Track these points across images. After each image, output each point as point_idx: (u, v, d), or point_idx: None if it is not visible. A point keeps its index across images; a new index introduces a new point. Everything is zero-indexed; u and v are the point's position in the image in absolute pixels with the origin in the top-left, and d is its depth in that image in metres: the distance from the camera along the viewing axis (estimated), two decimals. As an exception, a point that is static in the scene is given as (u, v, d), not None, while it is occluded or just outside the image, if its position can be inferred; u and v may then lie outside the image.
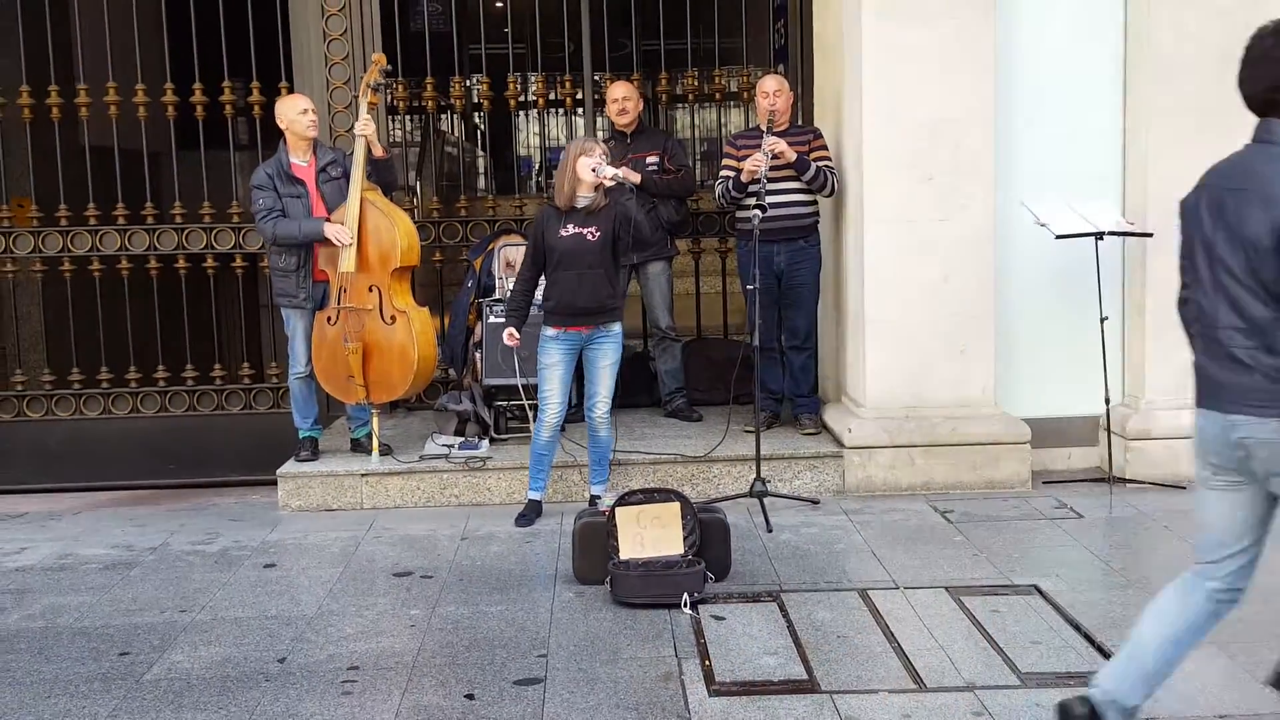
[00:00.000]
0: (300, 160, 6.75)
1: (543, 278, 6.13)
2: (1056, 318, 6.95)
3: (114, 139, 7.69)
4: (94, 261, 7.74)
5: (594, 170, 5.90)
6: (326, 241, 6.60)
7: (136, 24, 7.61)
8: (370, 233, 6.64)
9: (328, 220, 6.62)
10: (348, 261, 6.60)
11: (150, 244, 7.75)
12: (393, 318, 6.65)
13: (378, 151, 6.71)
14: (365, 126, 6.61)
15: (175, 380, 7.87)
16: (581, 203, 5.98)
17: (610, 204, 5.96)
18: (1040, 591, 5.12)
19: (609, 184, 5.92)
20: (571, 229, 5.96)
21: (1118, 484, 6.68)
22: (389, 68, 7.07)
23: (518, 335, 6.15)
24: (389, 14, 7.81)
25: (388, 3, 7.81)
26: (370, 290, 6.66)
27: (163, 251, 7.75)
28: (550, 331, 6.07)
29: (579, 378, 6.45)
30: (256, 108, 7.74)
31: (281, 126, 6.76)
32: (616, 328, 6.09)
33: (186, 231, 7.75)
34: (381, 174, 6.78)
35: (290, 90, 7.51)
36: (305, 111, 6.72)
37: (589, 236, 5.94)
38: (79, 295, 7.76)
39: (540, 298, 6.19)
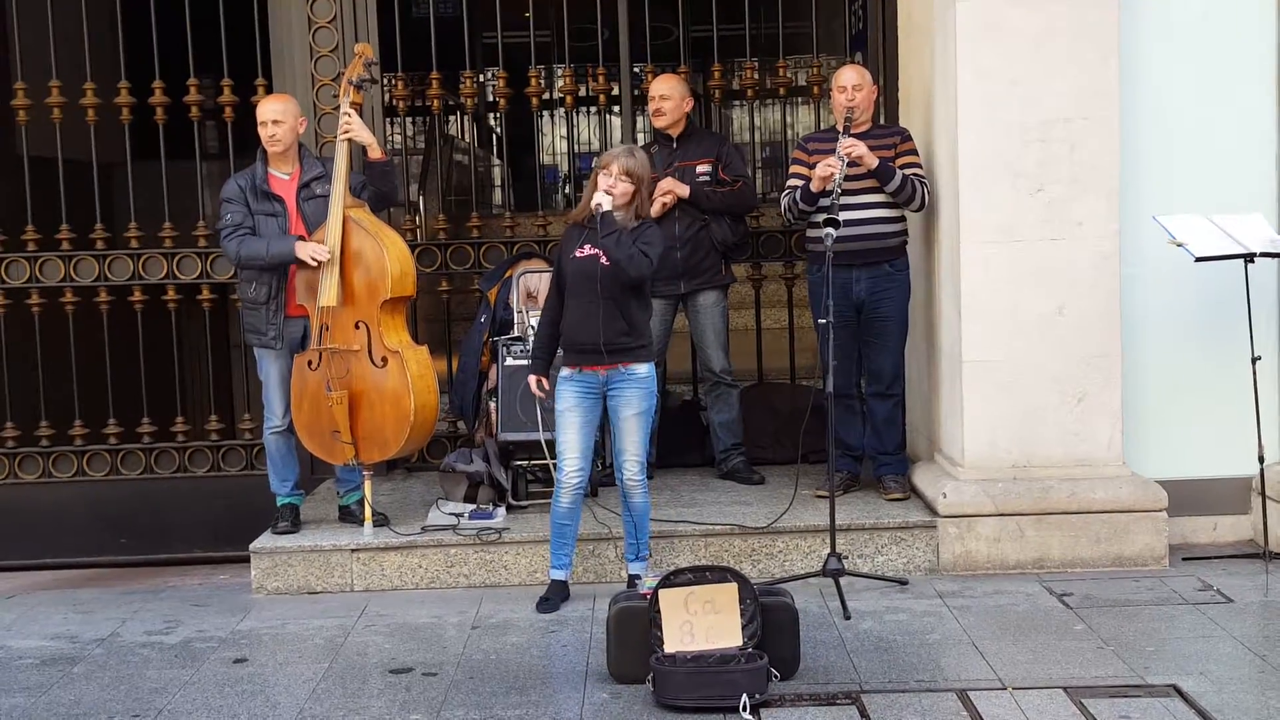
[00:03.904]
0: (280, 173, 6.82)
1: None
2: (1197, 358, 6.93)
3: (58, 148, 7.81)
4: (32, 294, 7.84)
5: (604, 189, 6.01)
6: (302, 266, 6.66)
7: (85, 12, 7.74)
8: (355, 258, 6.69)
9: (303, 239, 6.68)
10: (328, 294, 6.63)
11: (100, 273, 7.85)
12: (384, 359, 6.70)
13: (375, 153, 6.77)
14: (348, 126, 6.69)
15: (129, 436, 7.95)
16: None
17: (641, 225, 6.03)
18: (1180, 693, 5.08)
19: (591, 210, 6.00)
20: (587, 250, 6.07)
21: (1275, 560, 6.62)
22: (375, 60, 7.13)
23: (545, 383, 6.23)
24: (387, -3, 7.92)
25: (385, -17, 7.92)
26: (356, 327, 6.70)
27: (115, 282, 7.85)
28: (565, 371, 6.16)
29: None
30: (228, 110, 7.85)
31: (261, 134, 6.86)
32: (642, 369, 6.13)
33: (143, 258, 7.85)
34: (378, 182, 6.80)
35: (269, 89, 7.62)
36: (264, 124, 6.75)
37: (603, 259, 6.01)
38: (14, 334, 7.87)
39: None
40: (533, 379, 6.28)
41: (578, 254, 6.08)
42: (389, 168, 6.88)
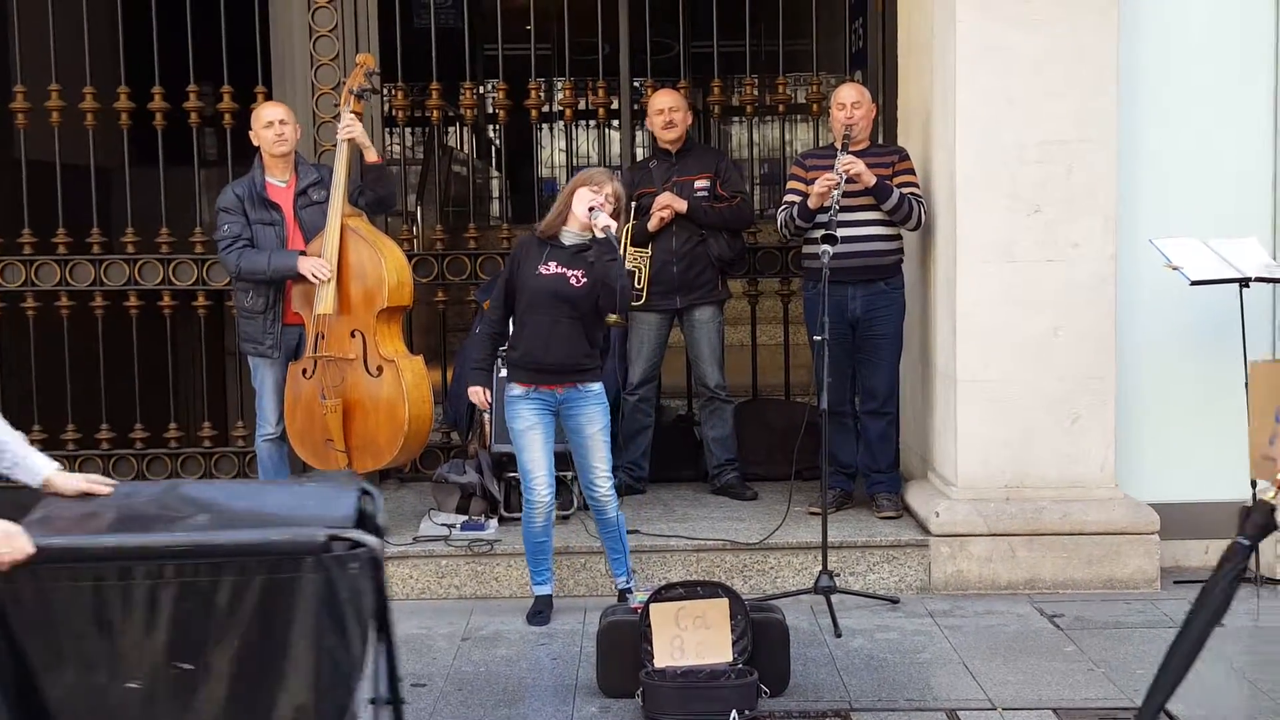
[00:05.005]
0: (277, 180, 6.82)
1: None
2: (1190, 381, 6.93)
3: (56, 152, 7.79)
4: (27, 298, 7.82)
5: (590, 209, 5.96)
6: (300, 278, 6.66)
7: (86, 17, 7.74)
8: (352, 266, 6.68)
9: (304, 254, 6.67)
10: (325, 301, 6.63)
11: (96, 278, 7.84)
12: (379, 368, 6.70)
13: (370, 156, 6.78)
14: (349, 129, 6.68)
15: (121, 442, 7.93)
16: (568, 239, 6.06)
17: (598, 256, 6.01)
18: (1170, 716, 5.04)
19: (599, 235, 5.96)
20: (554, 268, 6.03)
21: (1266, 585, 6.63)
22: (376, 70, 7.14)
23: (487, 395, 6.29)
24: (388, 7, 7.91)
25: (387, -7, 7.92)
26: (352, 336, 6.71)
27: (110, 287, 7.84)
28: (516, 390, 6.11)
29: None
30: (227, 116, 7.84)
31: (254, 141, 6.84)
32: (596, 386, 6.14)
33: (139, 263, 7.84)
34: (376, 186, 6.82)
35: (269, 96, 7.61)
36: (271, 124, 6.73)
37: (573, 281, 5.99)
38: (8, 338, 7.85)
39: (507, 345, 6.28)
40: (478, 391, 6.27)
41: (543, 271, 6.02)
42: (384, 170, 6.91)
